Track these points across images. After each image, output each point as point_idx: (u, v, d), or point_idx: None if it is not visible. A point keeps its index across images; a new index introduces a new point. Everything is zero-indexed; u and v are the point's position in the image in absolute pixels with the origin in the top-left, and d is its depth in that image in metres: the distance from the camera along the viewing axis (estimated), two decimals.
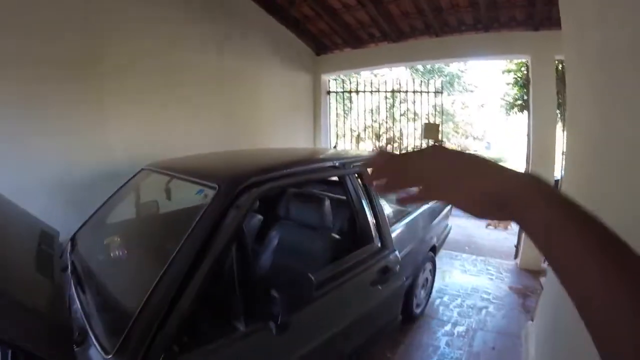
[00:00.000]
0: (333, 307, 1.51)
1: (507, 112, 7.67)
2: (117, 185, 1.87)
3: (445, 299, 2.81)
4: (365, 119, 5.59)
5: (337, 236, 1.82)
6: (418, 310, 2.50)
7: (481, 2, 2.96)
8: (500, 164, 0.35)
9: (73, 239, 1.69)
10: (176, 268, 1.07)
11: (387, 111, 6.13)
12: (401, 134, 5.34)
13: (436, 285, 2.82)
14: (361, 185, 1.85)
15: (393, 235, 1.93)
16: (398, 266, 1.86)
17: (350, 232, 1.87)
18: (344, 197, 1.89)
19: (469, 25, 3.42)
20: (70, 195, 2.17)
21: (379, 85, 4.47)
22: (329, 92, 4.42)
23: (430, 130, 4.01)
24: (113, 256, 1.57)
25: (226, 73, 3.14)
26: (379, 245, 1.80)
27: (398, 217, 2.17)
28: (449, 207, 2.90)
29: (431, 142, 4.05)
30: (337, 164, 1.78)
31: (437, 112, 4.44)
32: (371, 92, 4.41)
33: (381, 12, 3.37)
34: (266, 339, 1.14)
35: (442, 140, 4.26)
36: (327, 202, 1.78)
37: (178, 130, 2.80)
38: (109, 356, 0.94)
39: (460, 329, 2.42)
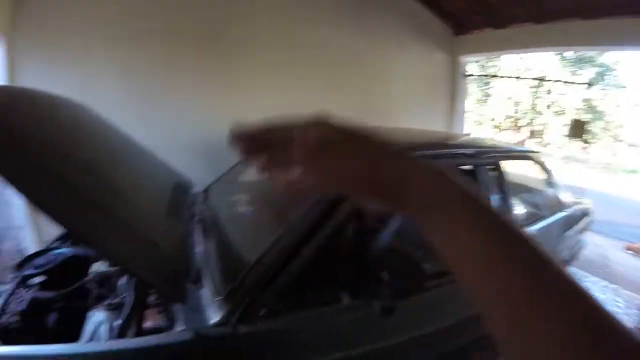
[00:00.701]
0: (444, 302, 1.48)
1: None
2: None
3: None
4: (505, 108, 5.07)
5: None
6: None
7: None
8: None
9: (206, 191, 1.96)
10: (294, 232, 1.16)
11: (531, 101, 5.42)
12: (544, 128, 4.72)
13: None
14: (495, 179, 1.80)
15: None
16: None
17: None
18: None
19: (627, 8, 2.78)
20: (206, 152, 2.66)
21: (522, 71, 3.99)
22: (466, 76, 4.16)
23: (577, 127, 3.51)
24: (239, 212, 1.82)
25: (358, 51, 3.27)
26: None
27: (530, 219, 2.06)
28: (587, 221, 2.56)
29: (576, 140, 3.54)
30: (471, 153, 1.76)
31: (585, 108, 3.79)
32: (513, 78, 3.98)
33: None
34: (368, 318, 1.20)
35: (585, 140, 3.68)
36: None
37: (307, 103, 3.11)
38: (218, 298, 1.08)
39: None
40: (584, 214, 2.57)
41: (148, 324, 1.17)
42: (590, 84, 3.57)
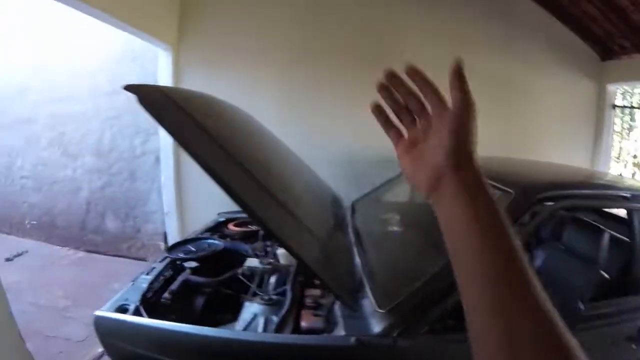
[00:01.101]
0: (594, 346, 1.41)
1: None
2: (392, 168, 2.38)
3: None
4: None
5: (606, 275, 1.68)
6: None
7: None
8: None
9: (352, 206, 2.15)
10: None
11: None
12: None
13: None
14: None
15: None
16: None
17: (620, 276, 1.69)
18: (620, 235, 1.71)
19: None
20: (352, 170, 2.85)
21: None
22: (614, 106, 3.65)
23: None
24: (390, 230, 1.99)
25: (498, 75, 3.17)
26: None
27: None
28: None
29: None
30: (629, 196, 1.61)
31: None
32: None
33: None
34: None
35: None
36: (607, 236, 1.66)
37: None
38: (382, 310, 1.15)
39: None
40: None
41: (304, 324, 1.30)
42: None
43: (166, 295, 1.46)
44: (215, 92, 2.81)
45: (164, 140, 3.10)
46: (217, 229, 2.34)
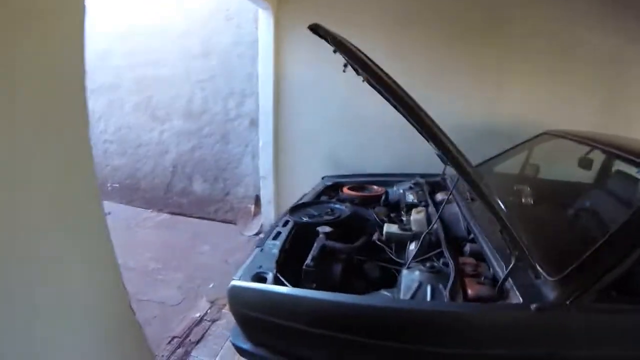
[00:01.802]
0: None
1: None
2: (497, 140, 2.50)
3: None
4: None
5: None
6: None
7: None
8: None
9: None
10: (623, 233, 1.24)
11: None
12: None
13: None
14: None
15: None
16: None
17: None
18: None
19: None
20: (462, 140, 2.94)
21: None
22: None
23: None
24: (524, 201, 1.98)
25: (610, 53, 3.03)
26: None
27: None
28: None
29: None
30: None
31: None
32: None
33: None
34: None
35: None
36: None
37: (558, 103, 2.99)
38: (553, 279, 1.17)
39: None
40: None
41: (471, 292, 1.26)
42: None
43: (309, 262, 1.41)
44: (319, 55, 2.86)
45: (264, 101, 3.14)
46: (328, 193, 2.37)
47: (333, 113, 3.12)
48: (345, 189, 2.32)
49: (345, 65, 1.61)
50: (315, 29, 1.24)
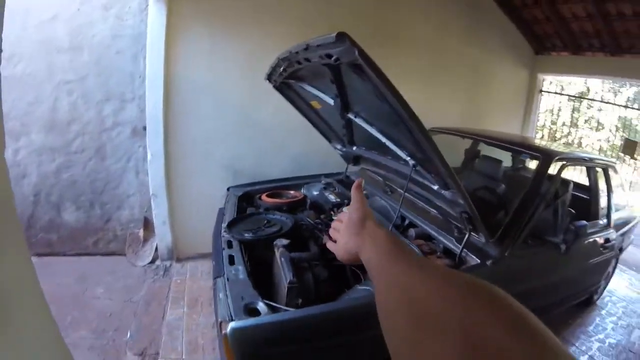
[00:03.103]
0: (587, 249, 2.38)
1: None
2: None
3: (613, 298, 3.44)
4: (545, 120, 5.84)
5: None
6: (596, 297, 3.20)
7: None
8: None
9: None
10: (527, 199, 1.90)
11: (570, 115, 6.24)
12: (580, 141, 5.45)
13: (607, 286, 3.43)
14: (604, 179, 2.65)
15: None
16: (615, 242, 2.64)
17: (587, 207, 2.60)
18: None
19: None
20: None
21: (564, 85, 4.82)
22: (541, 91, 5.07)
23: (629, 146, 4.26)
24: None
25: (465, 57, 4.02)
26: (606, 222, 2.60)
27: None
28: (636, 221, 3.35)
29: (627, 157, 4.30)
30: (588, 158, 2.58)
31: (624, 127, 4.55)
32: (555, 94, 4.79)
33: (606, 26, 3.91)
34: (556, 255, 1.96)
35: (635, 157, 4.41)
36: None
37: (434, 103, 3.76)
38: (492, 240, 1.68)
39: (622, 322, 3.04)
40: (635, 216, 3.37)
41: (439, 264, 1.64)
42: (626, 106, 4.31)
43: (292, 279, 1.41)
44: (218, 54, 2.70)
45: (152, 107, 2.75)
46: (244, 203, 2.35)
47: (230, 119, 3.03)
48: (264, 197, 2.32)
49: (269, 74, 1.80)
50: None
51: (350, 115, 1.71)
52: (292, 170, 3.09)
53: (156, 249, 3.04)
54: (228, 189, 2.53)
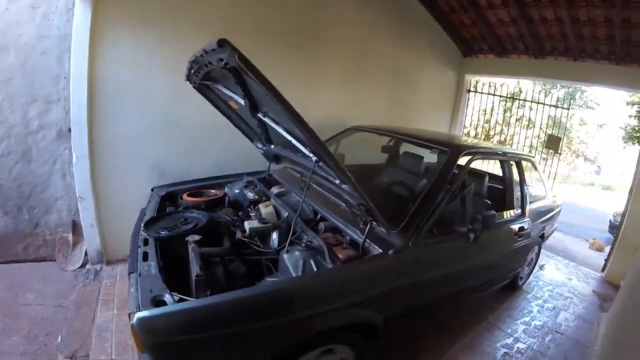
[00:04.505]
0: (499, 237, 2.61)
1: (624, 142, 7.80)
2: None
3: (540, 283, 3.79)
4: (478, 119, 6.26)
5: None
6: (521, 282, 3.51)
7: (617, 37, 3.77)
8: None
9: None
10: (431, 191, 2.04)
11: (502, 114, 6.71)
12: (512, 140, 5.91)
13: (533, 271, 3.77)
14: (518, 172, 2.93)
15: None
16: (529, 230, 2.89)
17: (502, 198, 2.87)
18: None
19: (604, 55, 4.23)
20: None
21: (497, 86, 5.23)
22: (469, 91, 5.56)
23: (552, 142, 4.68)
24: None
25: (394, 58, 4.33)
26: (520, 212, 2.86)
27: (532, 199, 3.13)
28: (558, 210, 3.68)
29: (552, 152, 4.72)
30: (501, 152, 2.91)
31: (554, 124, 5.00)
32: (488, 94, 5.28)
33: (530, 30, 4.34)
34: (465, 243, 2.12)
35: (559, 152, 4.87)
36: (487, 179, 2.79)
37: (358, 103, 4.08)
38: (395, 231, 1.81)
39: (549, 305, 3.36)
40: (557, 205, 3.76)
41: (341, 256, 1.75)
42: (560, 107, 4.79)
43: (199, 272, 1.49)
44: (141, 54, 2.86)
45: (77, 108, 2.72)
46: (167, 202, 2.43)
47: (155, 119, 3.06)
48: (185, 196, 2.41)
49: (187, 75, 1.89)
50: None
51: (260, 115, 1.87)
52: (217, 169, 3.15)
53: (86, 252, 3.03)
54: (152, 189, 2.58)
